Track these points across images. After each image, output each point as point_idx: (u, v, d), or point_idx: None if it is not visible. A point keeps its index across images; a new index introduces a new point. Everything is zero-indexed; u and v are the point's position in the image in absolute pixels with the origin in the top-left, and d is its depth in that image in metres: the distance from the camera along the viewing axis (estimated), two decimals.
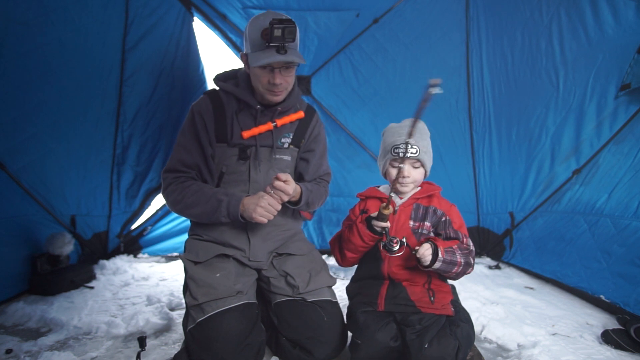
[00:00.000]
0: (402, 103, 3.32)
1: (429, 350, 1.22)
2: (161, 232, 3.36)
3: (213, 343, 1.30)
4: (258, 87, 1.48)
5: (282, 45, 1.35)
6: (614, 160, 2.33)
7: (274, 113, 1.56)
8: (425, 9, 3.04)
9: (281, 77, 1.44)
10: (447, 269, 1.30)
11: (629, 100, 2.25)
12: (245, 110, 1.56)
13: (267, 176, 1.58)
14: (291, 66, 1.45)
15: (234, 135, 1.54)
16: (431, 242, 1.29)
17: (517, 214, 3.11)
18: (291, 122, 1.60)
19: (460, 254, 1.32)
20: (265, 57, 1.36)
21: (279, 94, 1.49)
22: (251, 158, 1.56)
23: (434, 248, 1.28)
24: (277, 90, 1.47)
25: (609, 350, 1.68)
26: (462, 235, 1.41)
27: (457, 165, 3.32)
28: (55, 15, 2.09)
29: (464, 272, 1.34)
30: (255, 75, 1.47)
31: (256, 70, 1.44)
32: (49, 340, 1.72)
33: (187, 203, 1.48)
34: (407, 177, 1.40)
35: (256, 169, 1.57)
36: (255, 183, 1.56)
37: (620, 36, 2.23)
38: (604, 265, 2.22)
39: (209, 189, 1.49)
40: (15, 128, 2.14)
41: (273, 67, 1.41)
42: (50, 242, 2.41)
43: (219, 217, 1.45)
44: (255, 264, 1.57)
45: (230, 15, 2.95)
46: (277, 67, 1.42)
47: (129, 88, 2.79)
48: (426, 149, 1.42)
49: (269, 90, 1.46)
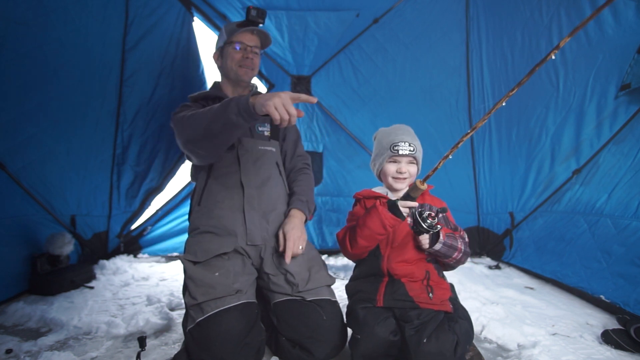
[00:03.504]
0: (402, 103, 3.32)
1: (428, 345, 1.22)
2: (161, 232, 3.37)
3: (213, 343, 1.30)
4: (231, 66, 1.70)
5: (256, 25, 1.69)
6: (614, 160, 2.33)
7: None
8: (425, 9, 3.05)
9: (251, 54, 1.71)
10: (448, 253, 1.37)
11: (629, 100, 2.25)
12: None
13: (256, 165, 1.64)
14: (258, 52, 1.75)
15: None
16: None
17: (517, 214, 3.11)
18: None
19: (462, 242, 1.40)
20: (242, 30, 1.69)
21: (250, 71, 1.73)
22: (237, 147, 1.62)
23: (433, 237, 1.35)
24: (248, 64, 1.70)
25: (609, 350, 1.68)
26: (459, 228, 1.49)
27: (457, 165, 3.32)
28: (55, 15, 2.10)
29: (463, 260, 1.41)
30: (229, 57, 1.70)
31: (230, 51, 1.70)
32: (49, 340, 1.72)
33: (198, 117, 1.40)
34: (404, 173, 1.45)
35: (244, 158, 1.63)
36: (246, 169, 1.61)
37: (620, 36, 2.23)
38: (604, 265, 2.22)
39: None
40: (15, 128, 2.14)
41: (246, 44, 1.70)
42: (50, 242, 2.41)
43: (229, 115, 1.30)
44: (253, 249, 1.57)
45: (230, 15, 2.96)
46: (249, 45, 1.71)
47: (129, 88, 2.80)
48: (419, 148, 1.49)
49: (241, 66, 1.70)
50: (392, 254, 1.43)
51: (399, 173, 1.45)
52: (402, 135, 1.47)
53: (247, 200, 1.59)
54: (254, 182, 1.62)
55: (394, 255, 1.42)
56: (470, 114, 3.26)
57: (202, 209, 1.61)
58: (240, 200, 1.59)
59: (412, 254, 1.43)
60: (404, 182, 1.47)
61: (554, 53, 0.93)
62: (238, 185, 1.60)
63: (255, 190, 1.61)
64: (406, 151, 1.43)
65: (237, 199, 1.59)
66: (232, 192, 1.59)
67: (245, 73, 1.71)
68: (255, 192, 1.61)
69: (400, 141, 1.45)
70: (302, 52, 3.17)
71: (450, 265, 1.45)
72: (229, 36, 1.71)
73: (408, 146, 1.43)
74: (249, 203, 1.59)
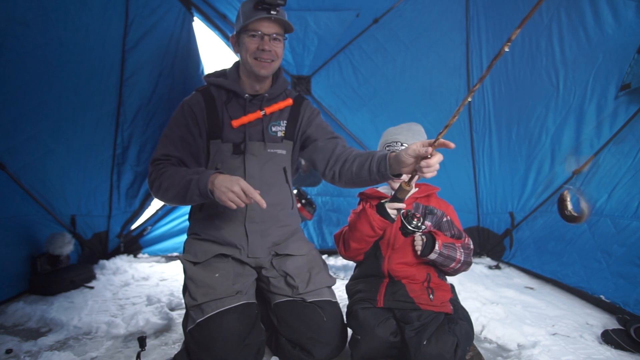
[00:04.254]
0: (402, 103, 3.32)
1: (428, 347, 1.22)
2: (161, 232, 3.37)
3: (213, 343, 1.30)
4: (246, 57, 1.48)
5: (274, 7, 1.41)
6: (614, 160, 2.33)
7: (262, 101, 1.56)
8: (425, 9, 3.04)
9: (269, 44, 1.46)
10: (445, 263, 1.36)
11: (629, 100, 2.25)
12: (233, 101, 1.58)
13: (262, 170, 1.56)
14: (280, 38, 1.49)
15: (226, 130, 1.55)
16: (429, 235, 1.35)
17: (517, 214, 3.11)
18: (280, 109, 1.60)
19: (462, 252, 1.37)
20: (256, 16, 1.41)
21: (267, 64, 1.49)
22: (244, 152, 1.55)
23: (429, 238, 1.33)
24: (265, 57, 1.47)
25: (609, 350, 1.68)
26: (464, 234, 1.45)
27: (457, 165, 3.32)
28: (55, 15, 2.09)
29: (462, 270, 1.40)
30: (244, 47, 1.48)
31: (245, 39, 1.47)
32: (49, 340, 1.72)
33: (164, 187, 1.42)
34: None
35: (251, 163, 1.55)
36: (251, 177, 1.54)
37: (620, 36, 2.23)
38: (604, 265, 2.22)
39: (183, 170, 1.43)
40: (15, 128, 2.14)
41: (263, 33, 1.45)
42: (50, 242, 2.41)
43: (192, 196, 1.35)
44: (253, 261, 1.56)
45: (231, 15, 2.96)
46: (267, 34, 1.45)
47: (129, 88, 2.80)
48: None
49: (257, 58, 1.47)
50: (392, 255, 1.42)
51: None
52: (396, 135, 1.46)
53: (249, 214, 1.54)
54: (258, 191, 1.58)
55: (395, 257, 1.42)
56: (470, 113, 3.26)
57: (203, 215, 1.58)
58: (242, 212, 1.53)
59: (413, 257, 1.42)
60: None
61: (507, 46, 0.95)
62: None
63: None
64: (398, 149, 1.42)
65: (240, 211, 1.52)
66: None
67: (262, 67, 1.48)
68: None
69: (392, 141, 1.45)
70: (302, 52, 3.17)
71: (449, 273, 1.45)
72: (244, 20, 1.46)
73: (400, 146, 1.43)
74: (250, 217, 1.54)
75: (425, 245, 1.35)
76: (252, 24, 1.44)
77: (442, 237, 1.36)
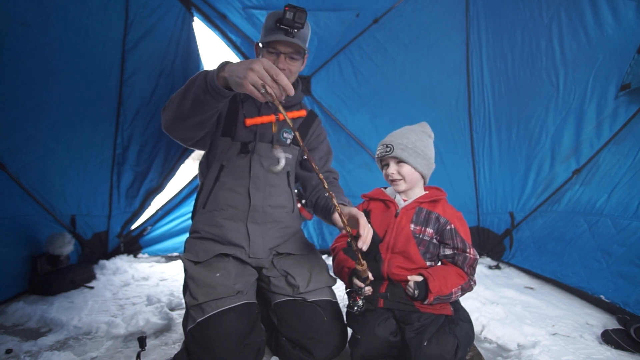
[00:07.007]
0: (402, 103, 3.32)
1: (428, 348, 1.22)
2: (161, 232, 3.37)
3: (213, 343, 1.30)
4: None
5: (292, 29, 1.45)
6: (614, 160, 2.33)
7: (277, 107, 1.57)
8: (425, 9, 3.04)
9: (285, 63, 1.50)
10: (442, 303, 1.36)
11: (629, 100, 2.26)
12: (250, 100, 1.61)
13: (267, 172, 1.58)
14: (296, 57, 1.52)
15: (239, 128, 1.58)
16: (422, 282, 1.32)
17: (517, 214, 3.11)
18: (293, 118, 1.63)
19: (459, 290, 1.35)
20: (273, 36, 1.46)
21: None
22: (252, 152, 1.57)
23: (422, 292, 1.31)
24: None
25: (609, 350, 1.68)
26: (468, 245, 1.40)
27: (457, 165, 3.32)
28: (55, 15, 2.09)
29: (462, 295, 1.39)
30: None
31: (265, 54, 1.52)
32: (49, 340, 1.72)
33: (171, 100, 1.36)
34: (392, 174, 1.42)
35: (257, 163, 1.57)
36: (256, 178, 1.56)
37: (620, 36, 2.24)
38: (604, 265, 2.23)
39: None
40: (15, 128, 2.13)
41: (280, 51, 1.49)
42: (50, 242, 2.41)
43: (197, 91, 1.24)
44: (255, 261, 1.56)
45: (230, 15, 2.95)
46: (284, 53, 1.49)
47: (129, 88, 2.79)
48: (404, 146, 1.40)
49: None
50: (392, 259, 1.41)
51: (388, 176, 1.44)
52: (385, 139, 1.46)
53: (252, 214, 1.56)
54: (261, 192, 1.58)
55: (395, 261, 1.41)
56: (470, 113, 3.26)
57: (206, 213, 1.59)
58: (245, 212, 1.55)
59: (412, 261, 1.41)
60: (399, 183, 1.44)
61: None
62: (245, 194, 1.56)
63: (261, 201, 1.57)
64: (382, 154, 1.43)
65: (242, 210, 1.55)
66: (238, 201, 1.56)
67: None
68: (261, 203, 1.57)
69: (379, 145, 1.45)
70: None
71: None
72: (265, 35, 1.51)
73: (384, 148, 1.42)
74: (253, 217, 1.56)
75: (418, 295, 1.32)
76: (271, 42, 1.49)
77: (437, 287, 1.30)
